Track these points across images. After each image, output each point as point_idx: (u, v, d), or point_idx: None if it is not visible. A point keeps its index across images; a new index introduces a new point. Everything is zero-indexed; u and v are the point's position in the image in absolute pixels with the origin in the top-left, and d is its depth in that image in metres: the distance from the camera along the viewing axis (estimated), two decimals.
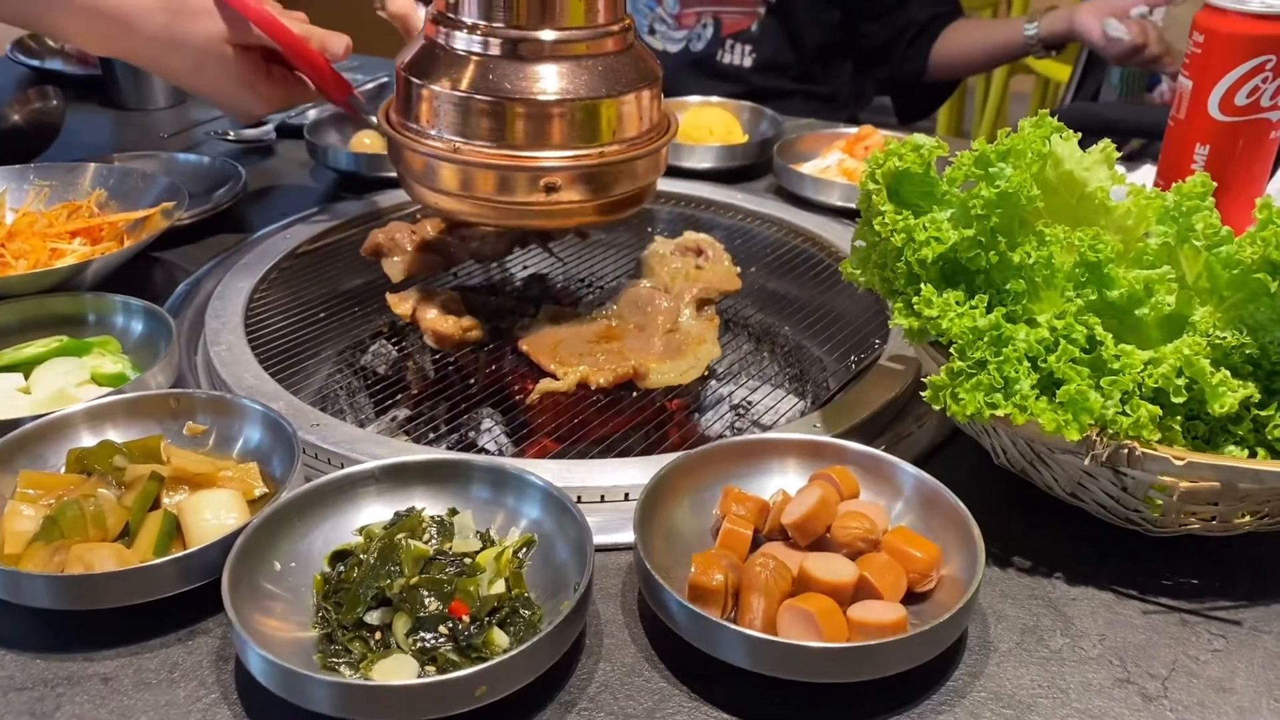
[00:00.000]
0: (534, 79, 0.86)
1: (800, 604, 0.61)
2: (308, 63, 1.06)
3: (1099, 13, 1.76)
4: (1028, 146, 0.72)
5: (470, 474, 0.72)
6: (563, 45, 0.86)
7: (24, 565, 0.66)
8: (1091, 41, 1.78)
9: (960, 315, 0.70)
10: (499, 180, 0.88)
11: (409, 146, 0.91)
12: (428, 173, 0.91)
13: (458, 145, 0.88)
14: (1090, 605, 0.69)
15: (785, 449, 0.75)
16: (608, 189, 0.91)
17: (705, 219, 1.24)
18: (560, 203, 0.89)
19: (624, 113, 0.89)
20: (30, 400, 0.83)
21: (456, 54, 0.88)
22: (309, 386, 1.02)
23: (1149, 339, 0.70)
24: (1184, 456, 0.64)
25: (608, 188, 0.90)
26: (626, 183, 0.92)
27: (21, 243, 0.98)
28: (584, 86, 0.86)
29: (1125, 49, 1.72)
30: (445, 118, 0.88)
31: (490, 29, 0.86)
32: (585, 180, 0.89)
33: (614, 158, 0.89)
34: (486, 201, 0.90)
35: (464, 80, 0.87)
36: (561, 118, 0.87)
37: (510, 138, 0.87)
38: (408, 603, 0.62)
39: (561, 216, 0.91)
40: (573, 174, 0.88)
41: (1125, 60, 1.77)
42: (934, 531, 0.69)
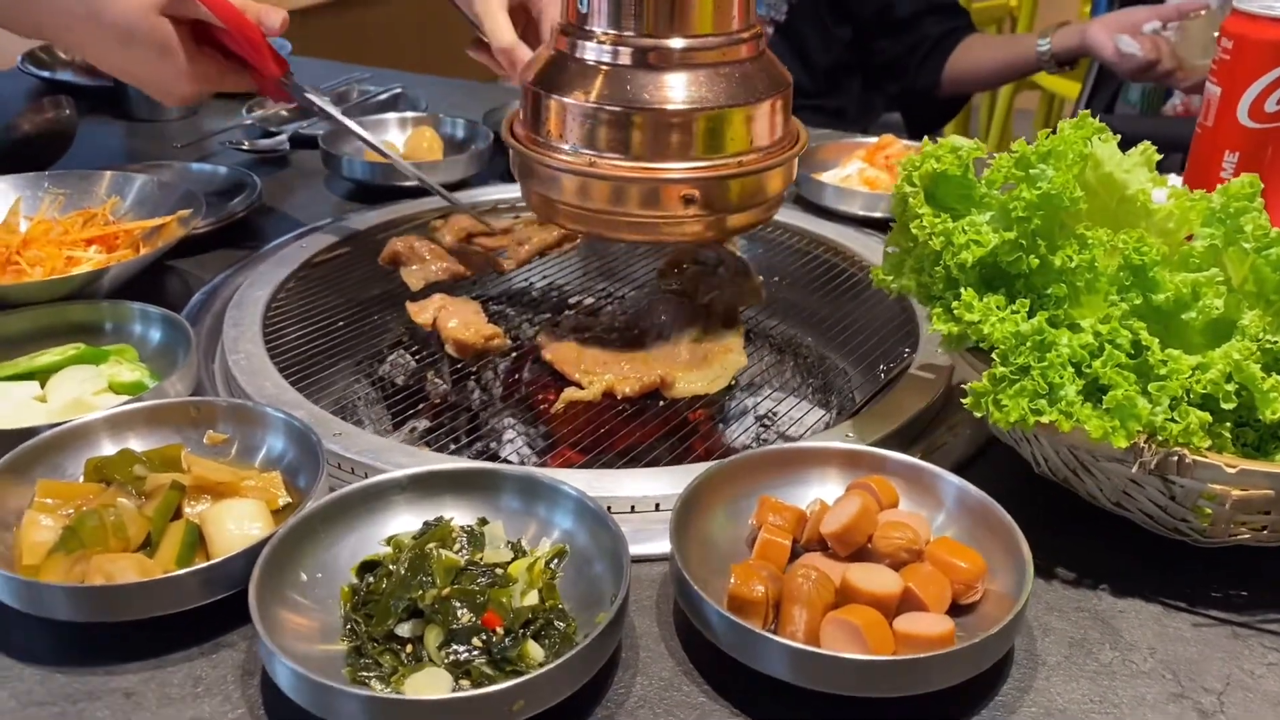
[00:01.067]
0: (669, 89, 0.83)
1: (845, 615, 0.59)
2: (243, 35, 1.01)
3: (1111, 28, 1.76)
4: (1069, 148, 0.71)
5: (500, 483, 0.70)
6: (698, 53, 0.83)
7: (43, 576, 0.64)
8: (1104, 57, 1.77)
9: (1002, 320, 0.68)
10: (636, 194, 0.85)
11: (540, 161, 0.87)
12: (560, 188, 0.87)
13: (592, 159, 0.84)
14: (1139, 618, 0.67)
15: (822, 458, 0.73)
16: (743, 199, 0.88)
17: None
18: (698, 215, 0.86)
19: (759, 121, 0.86)
20: (47, 409, 0.81)
21: (587, 65, 0.84)
22: (328, 396, 1.00)
23: (1195, 344, 0.68)
24: (1236, 464, 0.62)
25: (743, 198, 0.88)
26: (760, 193, 0.89)
27: (37, 250, 0.97)
28: (722, 94, 0.83)
29: (1138, 65, 1.71)
30: (577, 131, 0.84)
31: (626, 39, 0.83)
32: (723, 191, 0.86)
33: (752, 166, 0.86)
34: (621, 216, 0.86)
35: (596, 92, 0.83)
36: (698, 127, 0.83)
37: (648, 149, 0.83)
38: (440, 614, 0.60)
39: (697, 230, 0.88)
40: (711, 184, 0.85)
41: (1138, 76, 1.76)
42: (977, 542, 0.67)
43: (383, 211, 1.19)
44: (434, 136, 1.36)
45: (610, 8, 0.83)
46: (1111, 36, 1.74)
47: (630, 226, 0.87)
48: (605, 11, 0.83)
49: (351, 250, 1.13)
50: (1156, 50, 1.70)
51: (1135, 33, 1.73)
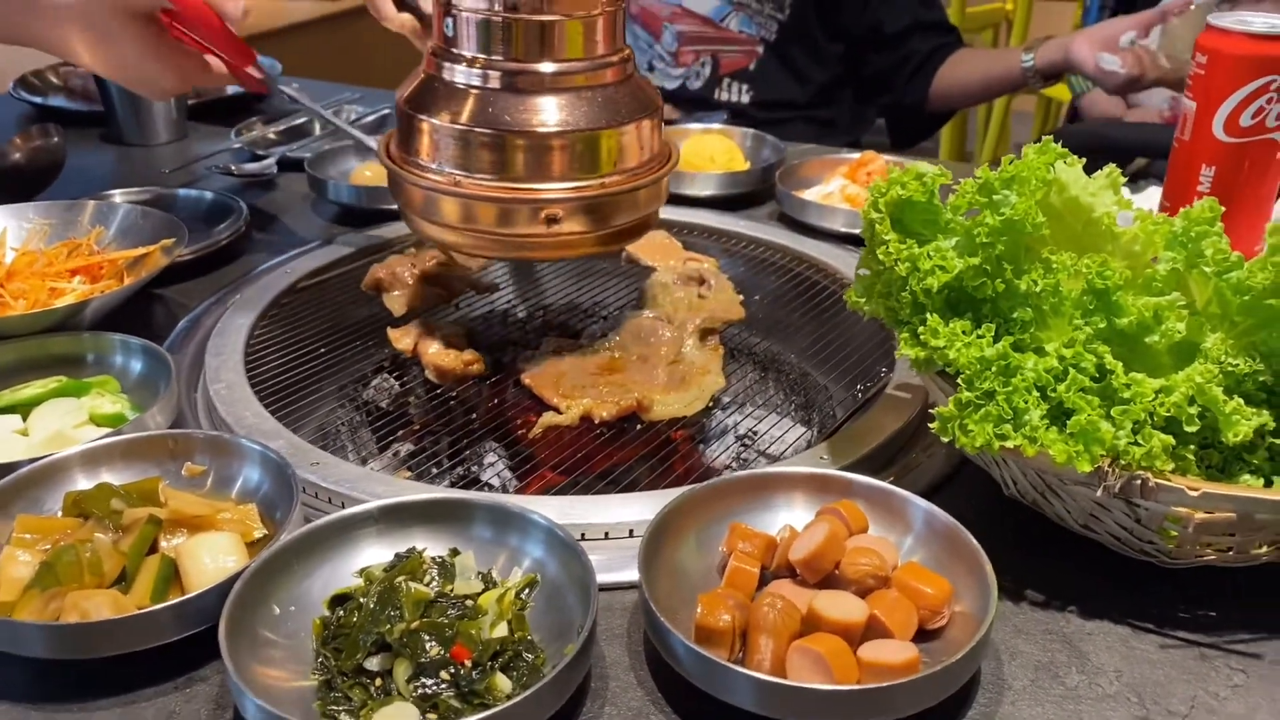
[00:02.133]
0: (534, 111, 0.85)
1: (809, 644, 0.59)
2: (201, 22, 1.03)
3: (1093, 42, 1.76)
4: (1032, 173, 0.71)
5: (471, 513, 0.71)
6: (562, 77, 0.86)
7: (19, 613, 0.65)
8: (1087, 74, 1.78)
9: (967, 345, 0.69)
10: (500, 213, 0.88)
11: (410, 180, 0.90)
12: (429, 206, 0.90)
13: (458, 178, 0.87)
14: (1106, 640, 0.67)
15: (791, 483, 0.73)
16: (609, 219, 0.90)
17: (708, 246, 1.24)
18: (561, 234, 0.88)
19: (624, 143, 0.88)
20: (27, 443, 0.82)
21: (456, 87, 0.87)
22: (310, 423, 1.01)
23: (1159, 367, 0.68)
24: (1198, 487, 0.63)
25: (609, 218, 0.90)
26: (628, 212, 0.91)
27: (20, 282, 0.98)
28: (584, 117, 0.86)
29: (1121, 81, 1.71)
30: (446, 151, 0.87)
31: (490, 62, 0.86)
32: (587, 211, 0.88)
33: (615, 188, 0.89)
34: (488, 234, 0.89)
35: (464, 113, 0.86)
36: (562, 149, 0.86)
37: (511, 170, 0.86)
38: (408, 648, 0.60)
39: (563, 247, 0.91)
40: (574, 205, 0.87)
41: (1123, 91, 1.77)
42: (945, 566, 0.67)
43: (368, 235, 1.20)
44: None
45: (479, 32, 0.85)
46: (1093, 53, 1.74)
47: (496, 245, 0.90)
48: (474, 36, 0.86)
49: (336, 275, 1.14)
50: (1139, 65, 1.70)
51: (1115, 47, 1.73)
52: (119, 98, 1.55)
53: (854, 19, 1.89)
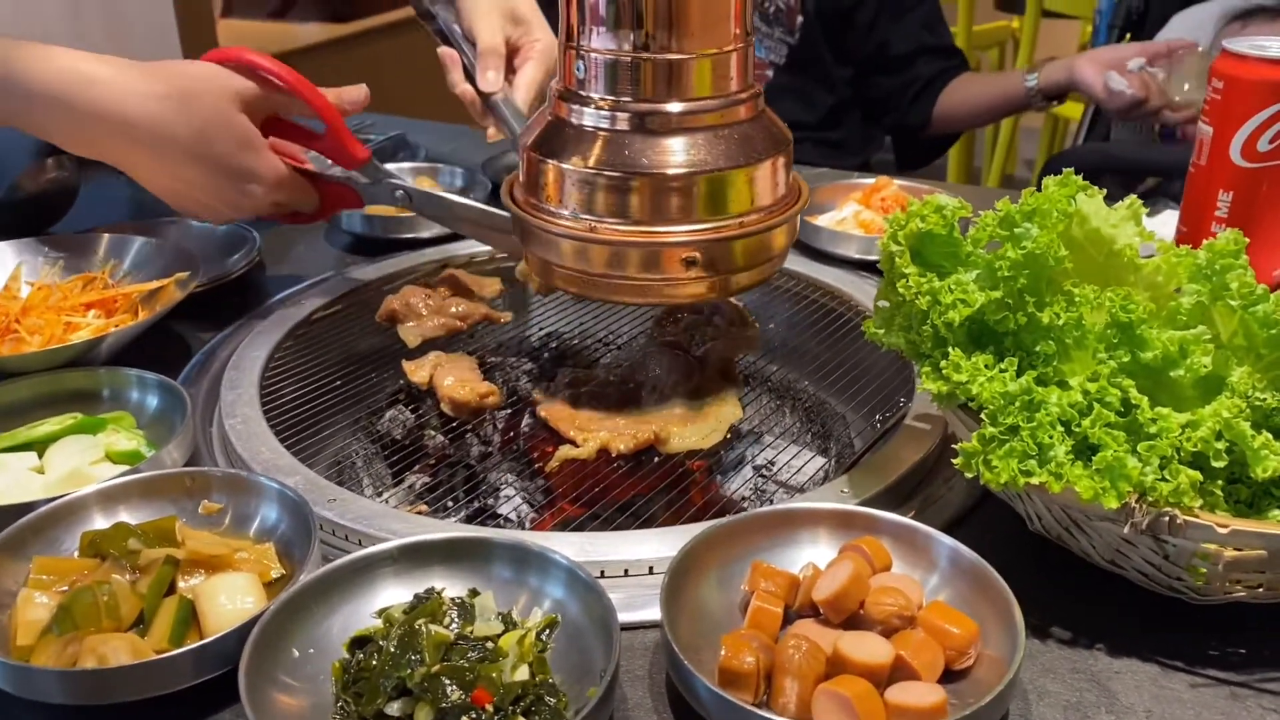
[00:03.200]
0: (668, 152, 0.83)
1: (835, 688, 0.59)
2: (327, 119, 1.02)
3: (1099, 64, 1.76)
4: (1053, 205, 0.71)
5: (491, 552, 0.70)
6: (696, 116, 0.83)
7: (36, 658, 0.65)
8: (1092, 94, 1.78)
9: (990, 379, 0.68)
10: (639, 258, 0.85)
11: (541, 227, 0.87)
12: (561, 253, 0.87)
13: (593, 224, 0.85)
14: (1135, 679, 0.66)
15: (814, 519, 0.73)
16: (747, 259, 0.88)
17: None
18: (700, 277, 0.86)
19: (759, 181, 0.86)
20: (44, 481, 0.82)
21: (586, 130, 0.85)
22: (325, 456, 1.01)
23: (1185, 401, 0.68)
24: (1228, 524, 0.62)
25: (747, 258, 0.88)
26: (764, 252, 0.89)
27: (36, 317, 0.98)
28: (721, 156, 0.84)
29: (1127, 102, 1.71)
30: (577, 196, 0.85)
31: (623, 104, 0.83)
32: (725, 252, 0.86)
33: (754, 227, 0.86)
34: (624, 280, 0.86)
35: (596, 156, 0.84)
36: (698, 190, 0.84)
37: (649, 213, 0.83)
38: (429, 693, 0.60)
39: (701, 290, 0.88)
40: (713, 246, 0.85)
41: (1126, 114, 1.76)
42: (970, 604, 0.66)
43: (381, 265, 1.20)
44: (434, 187, 1.36)
45: (607, 74, 0.83)
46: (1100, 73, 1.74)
47: (632, 290, 0.87)
48: (602, 77, 0.84)
49: (350, 306, 1.14)
50: (1145, 88, 1.70)
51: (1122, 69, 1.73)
52: None
53: (861, 42, 1.90)
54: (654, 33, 0.81)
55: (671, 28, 0.81)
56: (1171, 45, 1.70)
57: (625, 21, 0.81)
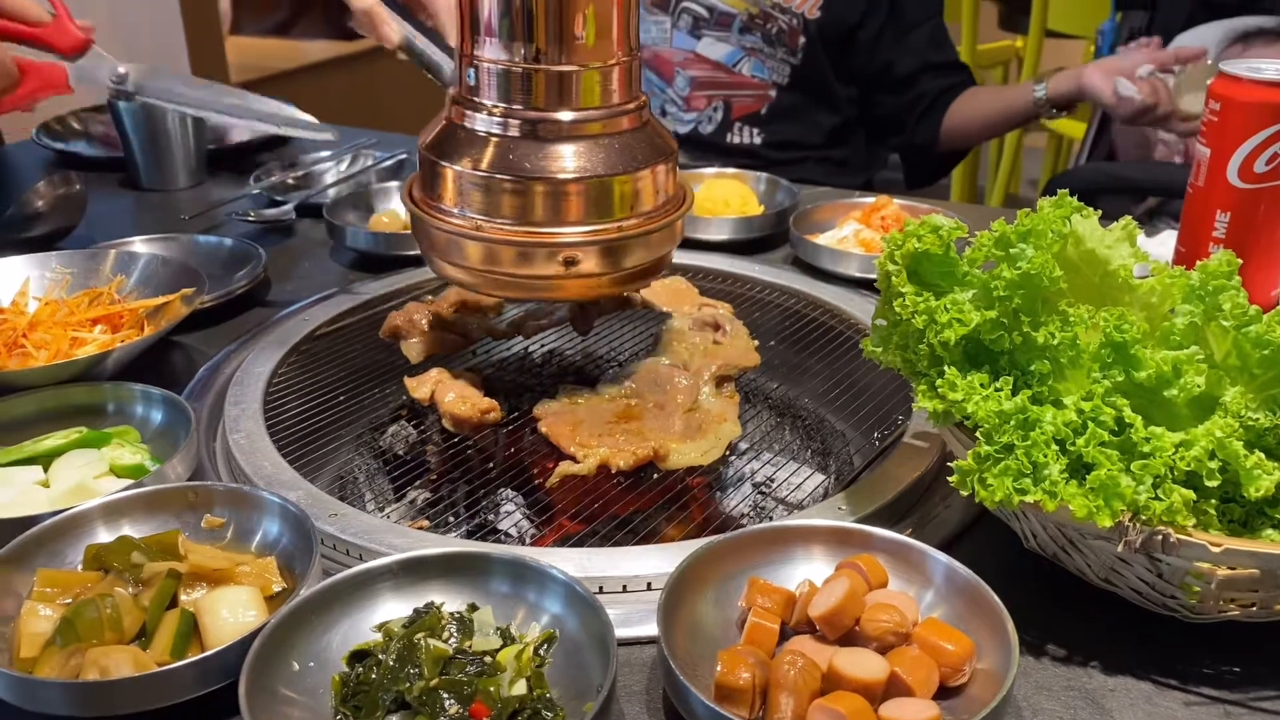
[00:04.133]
0: (554, 158, 0.88)
1: (831, 704, 0.59)
2: None
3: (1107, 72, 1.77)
4: (1048, 226, 0.72)
5: (490, 567, 0.71)
6: (580, 125, 0.88)
7: (39, 670, 0.65)
8: (1102, 101, 1.78)
9: (985, 398, 0.69)
10: (520, 255, 0.90)
11: (433, 224, 0.92)
12: (451, 249, 0.92)
13: (480, 223, 0.89)
14: (1129, 697, 0.66)
15: (810, 536, 0.73)
16: (625, 261, 0.92)
17: (722, 291, 1.24)
18: (579, 275, 0.91)
19: (640, 187, 0.91)
20: (49, 494, 0.82)
21: (477, 134, 0.89)
22: (327, 472, 1.02)
23: (1179, 420, 0.68)
24: (1221, 543, 0.62)
25: (625, 260, 0.92)
26: (643, 254, 0.93)
27: (43, 332, 0.99)
28: (601, 164, 0.88)
29: (1136, 108, 1.72)
30: (468, 196, 0.90)
31: (510, 110, 0.88)
32: (603, 253, 0.90)
33: (631, 231, 0.91)
34: (508, 276, 0.91)
35: (485, 160, 0.88)
36: (580, 194, 0.88)
37: (531, 214, 0.88)
38: (428, 706, 0.60)
39: (580, 289, 0.93)
40: (592, 248, 0.90)
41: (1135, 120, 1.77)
42: (965, 621, 0.67)
43: (386, 282, 1.21)
44: None
45: (499, 82, 0.88)
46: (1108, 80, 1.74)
47: (515, 286, 0.92)
48: (494, 85, 0.88)
49: (353, 322, 1.15)
50: (1155, 94, 1.70)
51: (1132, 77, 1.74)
52: (139, 144, 1.57)
53: (864, 62, 1.91)
54: (544, 47, 0.86)
55: (561, 42, 0.86)
56: (1180, 54, 1.71)
57: (518, 34, 0.86)
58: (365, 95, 3.80)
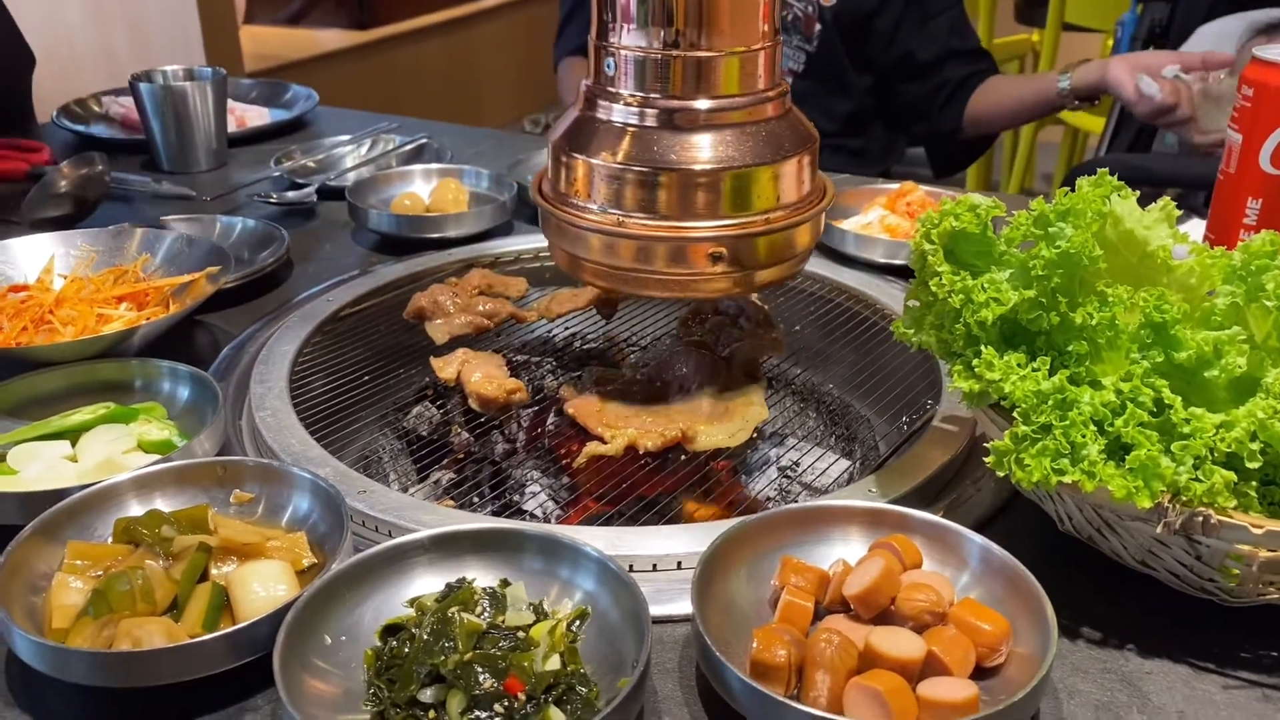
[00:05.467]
0: (696, 148, 0.84)
1: (868, 682, 0.59)
2: None
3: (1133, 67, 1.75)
4: (1087, 206, 0.71)
5: (522, 543, 0.70)
6: (724, 112, 0.84)
7: (72, 640, 0.65)
8: (1124, 96, 1.77)
9: (1023, 378, 0.68)
10: (665, 253, 0.86)
11: (569, 221, 0.88)
12: (588, 247, 0.88)
13: (621, 219, 0.85)
14: (1166, 680, 0.66)
15: (844, 516, 0.73)
16: (771, 255, 0.88)
17: None
18: (725, 272, 0.86)
19: (786, 178, 0.87)
20: (77, 469, 0.82)
21: (615, 126, 0.86)
22: (353, 450, 1.01)
23: (1219, 402, 0.68)
24: (1262, 525, 0.62)
25: (771, 254, 0.88)
26: (788, 248, 0.89)
27: (69, 309, 0.99)
28: (748, 153, 0.84)
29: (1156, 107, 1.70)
30: (606, 191, 0.85)
31: (652, 100, 0.84)
32: (751, 248, 0.87)
33: (779, 223, 0.87)
34: (650, 274, 0.87)
35: (625, 152, 0.84)
36: (726, 186, 0.84)
37: (676, 209, 0.84)
38: (462, 680, 0.60)
39: (726, 286, 0.88)
40: (739, 242, 0.86)
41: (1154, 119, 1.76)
42: (1002, 603, 0.66)
43: (408, 264, 1.21)
44: (459, 188, 1.37)
45: (637, 70, 0.84)
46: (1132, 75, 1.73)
47: (658, 284, 0.88)
48: (631, 74, 0.84)
49: (377, 303, 1.14)
50: (1176, 95, 1.69)
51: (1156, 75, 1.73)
52: (160, 127, 1.57)
53: (881, 50, 1.90)
54: (684, 30, 0.82)
55: (701, 25, 0.82)
56: (1209, 59, 1.69)
57: (656, 19, 0.82)
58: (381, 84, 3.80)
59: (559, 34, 2.15)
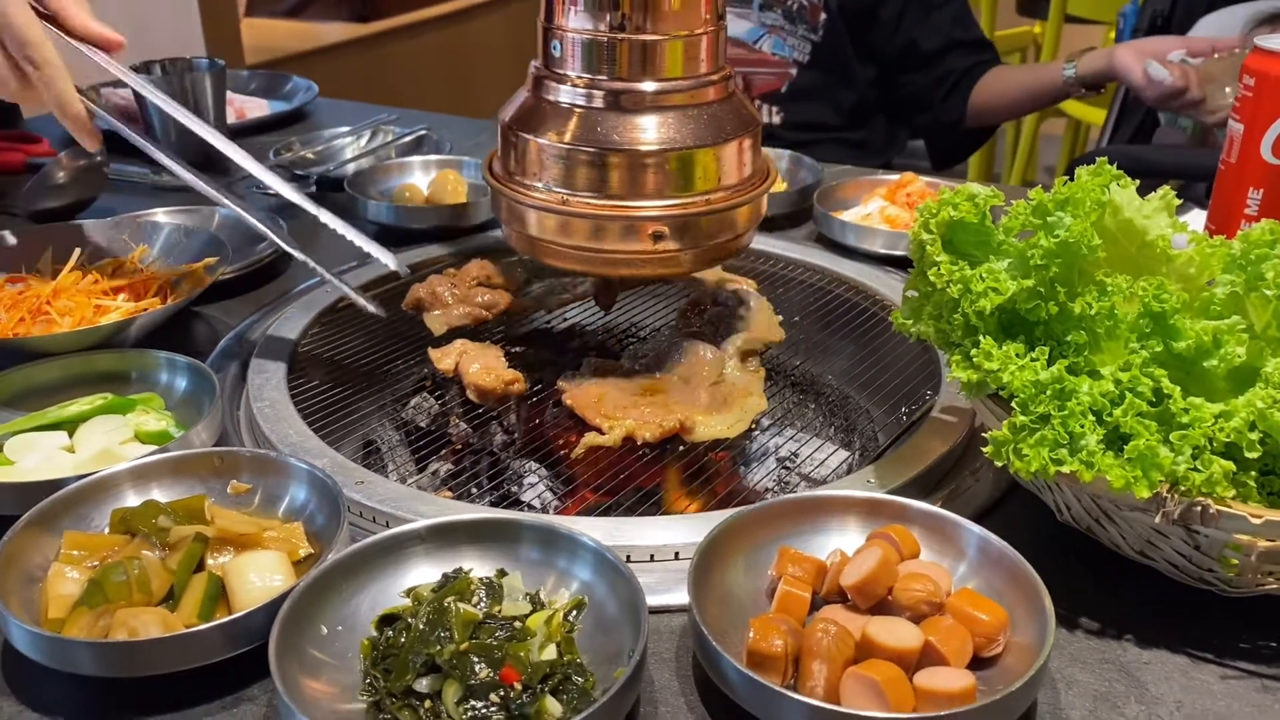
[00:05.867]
0: (640, 130, 0.86)
1: (864, 671, 0.59)
2: None
3: (1139, 53, 1.74)
4: (1086, 195, 0.71)
5: (519, 534, 0.70)
6: (666, 95, 0.87)
7: (67, 630, 0.65)
8: (1132, 82, 1.76)
9: (1021, 368, 0.68)
10: (606, 230, 0.89)
11: (517, 200, 0.91)
12: (535, 225, 0.92)
13: (566, 197, 0.88)
14: (1164, 670, 0.66)
15: (842, 506, 0.72)
16: (712, 236, 0.91)
17: (746, 268, 1.23)
18: (666, 251, 0.89)
19: (727, 160, 0.89)
20: (74, 460, 0.82)
21: (561, 107, 0.88)
22: (351, 441, 1.01)
23: (1218, 392, 0.67)
24: (1261, 515, 0.61)
25: (712, 235, 0.91)
26: (728, 229, 0.92)
27: (67, 300, 0.98)
28: (690, 135, 0.87)
29: (1165, 91, 1.70)
30: (552, 170, 0.88)
31: (595, 81, 0.87)
32: (691, 228, 0.89)
33: (720, 204, 0.89)
34: (594, 252, 0.90)
35: (570, 133, 0.87)
36: (668, 166, 0.87)
37: (617, 188, 0.87)
38: (458, 670, 0.60)
39: (665, 265, 0.91)
40: (680, 222, 0.88)
41: (1163, 104, 1.75)
42: (999, 593, 0.66)
43: (406, 255, 1.20)
44: (458, 179, 1.37)
45: (583, 53, 0.86)
46: (1140, 61, 1.72)
47: (603, 261, 0.91)
48: (578, 56, 0.86)
49: (375, 294, 1.13)
50: (1185, 78, 1.68)
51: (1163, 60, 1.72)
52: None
53: (886, 40, 1.89)
54: (630, 14, 0.84)
55: (647, 9, 0.84)
56: (1217, 43, 1.68)
57: (603, 2, 0.84)
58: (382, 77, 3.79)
59: None
